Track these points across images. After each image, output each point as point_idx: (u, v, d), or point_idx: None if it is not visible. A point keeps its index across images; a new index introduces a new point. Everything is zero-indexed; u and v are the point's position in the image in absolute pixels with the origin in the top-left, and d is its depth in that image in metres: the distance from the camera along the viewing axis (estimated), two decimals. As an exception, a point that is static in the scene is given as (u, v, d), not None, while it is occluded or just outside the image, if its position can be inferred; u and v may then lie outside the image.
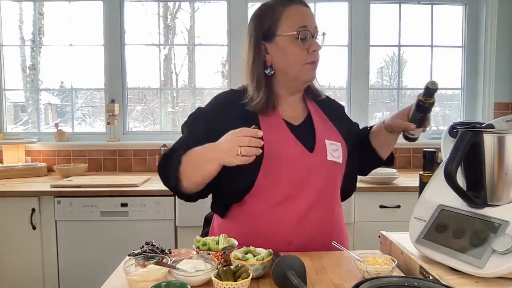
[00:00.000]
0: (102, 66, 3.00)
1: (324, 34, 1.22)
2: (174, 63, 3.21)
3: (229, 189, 1.21)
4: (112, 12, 2.96)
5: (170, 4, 3.16)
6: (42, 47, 3.11)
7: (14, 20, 3.09)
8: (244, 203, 1.21)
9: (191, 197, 1.21)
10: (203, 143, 1.13)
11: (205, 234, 1.41)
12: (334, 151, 1.23)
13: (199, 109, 1.30)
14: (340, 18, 3.04)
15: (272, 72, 1.22)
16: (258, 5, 1.26)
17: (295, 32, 1.16)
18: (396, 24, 3.10)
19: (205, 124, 1.22)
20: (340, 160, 1.24)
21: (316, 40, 1.19)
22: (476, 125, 1.11)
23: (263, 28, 1.20)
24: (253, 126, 1.05)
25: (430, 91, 1.15)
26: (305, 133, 1.22)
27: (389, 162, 1.47)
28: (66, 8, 3.04)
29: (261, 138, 1.03)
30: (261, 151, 1.04)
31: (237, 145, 1.02)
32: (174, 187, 1.17)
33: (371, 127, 1.45)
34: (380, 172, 2.55)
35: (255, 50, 1.21)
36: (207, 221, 1.44)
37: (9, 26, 3.05)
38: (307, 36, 1.16)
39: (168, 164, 1.17)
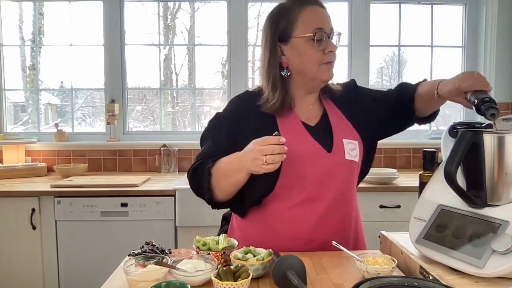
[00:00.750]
0: (102, 66, 3.00)
1: (339, 34, 1.22)
2: (174, 63, 3.21)
3: (249, 193, 1.21)
4: (112, 12, 2.96)
5: (170, 4, 3.16)
6: (42, 47, 3.11)
7: (14, 20, 3.09)
8: (265, 205, 1.22)
9: (226, 204, 1.24)
10: (227, 151, 1.16)
11: (223, 232, 1.41)
12: (352, 150, 1.23)
13: (217, 116, 1.30)
14: (340, 18, 3.04)
15: (288, 74, 1.22)
16: (258, 5, 1.27)
17: (311, 34, 1.16)
18: (396, 24, 3.10)
19: (226, 132, 1.23)
20: (357, 159, 1.24)
21: (332, 40, 1.19)
22: (476, 125, 1.11)
23: (279, 30, 1.20)
24: (275, 133, 1.07)
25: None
26: (322, 133, 1.23)
27: (433, 117, 1.35)
28: (66, 8, 3.04)
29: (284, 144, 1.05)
30: (285, 156, 1.06)
31: (261, 154, 1.04)
32: (209, 199, 1.20)
33: (414, 85, 1.37)
34: (380, 172, 2.55)
35: (270, 52, 1.21)
36: (225, 219, 1.45)
37: (9, 26, 3.05)
38: (323, 37, 1.16)
39: (198, 177, 1.20)
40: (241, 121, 1.22)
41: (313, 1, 1.20)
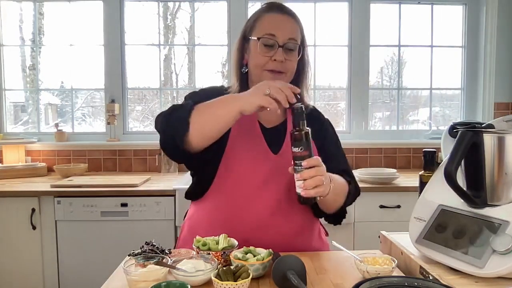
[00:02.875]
0: (102, 66, 3.00)
1: (299, 46, 1.20)
2: (174, 63, 3.21)
3: (196, 179, 1.27)
4: (112, 12, 2.96)
5: (170, 4, 3.16)
6: (42, 47, 3.11)
7: (14, 20, 3.09)
8: (208, 196, 1.23)
9: (188, 157, 1.15)
10: None
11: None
12: None
13: (192, 92, 1.36)
14: (340, 18, 3.04)
15: (246, 70, 1.28)
16: (258, 5, 1.29)
17: (256, 38, 1.19)
18: (396, 24, 3.10)
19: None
20: None
21: (282, 51, 1.17)
22: (476, 125, 1.11)
23: (245, 28, 1.27)
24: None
25: (295, 112, 1.02)
26: (274, 137, 1.24)
27: (333, 219, 1.28)
28: (66, 8, 3.04)
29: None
30: (295, 100, 1.01)
31: (267, 85, 1.02)
32: (181, 135, 1.09)
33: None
34: (380, 172, 2.55)
35: (237, 47, 1.29)
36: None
37: (9, 26, 3.05)
38: (272, 44, 1.17)
39: (176, 113, 1.12)
40: None
41: (279, 9, 1.22)
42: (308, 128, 1.02)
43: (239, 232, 1.14)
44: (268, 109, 1.02)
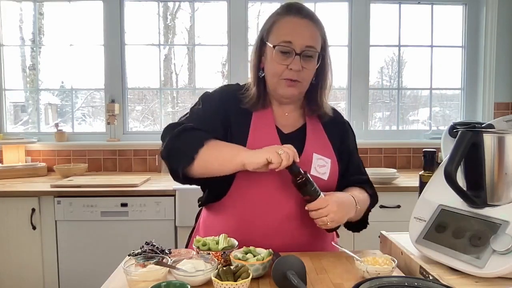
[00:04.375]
0: (102, 66, 3.00)
1: (318, 54, 1.16)
2: (174, 63, 3.21)
3: (212, 185, 1.22)
4: (112, 12, 2.96)
5: (170, 4, 3.16)
6: (42, 47, 3.11)
7: (14, 20, 3.08)
8: (225, 202, 1.21)
9: (189, 180, 1.17)
10: (214, 123, 1.16)
11: (193, 230, 1.41)
12: (321, 166, 1.19)
13: (206, 94, 1.27)
14: (340, 18, 3.04)
15: (262, 75, 1.22)
16: (258, 5, 1.27)
17: (272, 46, 1.14)
18: (396, 24, 3.10)
19: (213, 113, 1.21)
20: (325, 177, 1.19)
21: (299, 58, 1.13)
22: (476, 125, 1.11)
23: (262, 31, 1.21)
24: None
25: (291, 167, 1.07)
26: (293, 143, 1.15)
27: (354, 228, 1.32)
28: (66, 8, 3.04)
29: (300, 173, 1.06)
30: (298, 160, 1.06)
31: (274, 149, 1.04)
32: (183, 167, 1.11)
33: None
34: (380, 172, 2.55)
35: (254, 48, 1.23)
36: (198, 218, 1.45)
37: (9, 26, 3.05)
38: (289, 51, 1.13)
39: (185, 140, 1.12)
40: (221, 110, 1.21)
41: (297, 12, 1.16)
42: (307, 174, 1.09)
43: (257, 236, 1.15)
44: (269, 169, 1.05)
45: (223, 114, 1.20)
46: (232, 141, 1.16)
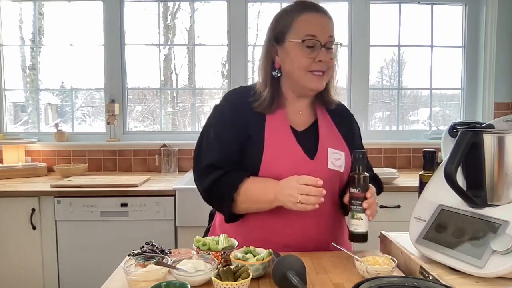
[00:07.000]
0: (102, 66, 3.00)
1: (338, 44, 1.22)
2: (174, 63, 3.21)
3: None
4: (112, 12, 2.96)
5: (170, 4, 3.16)
6: (42, 47, 3.11)
7: (14, 20, 3.08)
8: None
9: (239, 216, 1.23)
10: (235, 151, 1.19)
11: (208, 230, 1.41)
12: (336, 160, 1.23)
13: (218, 112, 1.27)
14: (340, 18, 3.04)
15: (279, 75, 1.24)
16: (258, 5, 1.28)
17: (301, 40, 1.17)
18: (396, 24, 3.10)
19: (230, 131, 1.22)
20: (341, 170, 1.23)
21: (326, 50, 1.18)
22: (476, 125, 1.11)
23: (276, 31, 1.22)
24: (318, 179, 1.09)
25: (355, 156, 1.13)
26: (308, 140, 1.23)
27: None
28: (66, 8, 3.04)
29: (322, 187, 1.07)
30: (322, 200, 1.07)
31: (297, 192, 1.06)
32: (228, 210, 1.19)
33: None
34: (380, 172, 2.54)
35: (266, 51, 1.24)
36: (211, 216, 1.45)
37: (9, 26, 3.05)
38: (314, 45, 1.17)
39: (220, 192, 1.18)
40: (238, 123, 1.22)
41: (313, 8, 1.20)
42: (366, 173, 1.13)
43: (284, 238, 1.18)
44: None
45: (239, 126, 1.21)
46: (251, 146, 1.19)
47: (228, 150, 1.20)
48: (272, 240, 1.18)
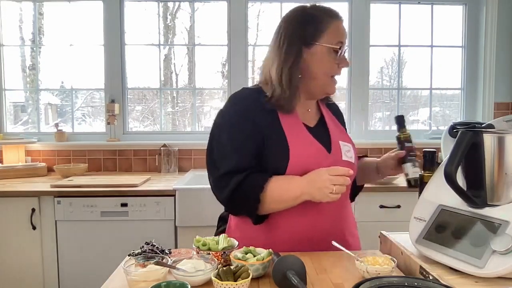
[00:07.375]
0: (102, 66, 3.00)
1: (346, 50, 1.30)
2: (174, 63, 3.21)
3: None
4: (112, 12, 2.96)
5: (170, 4, 3.16)
6: (42, 47, 3.11)
7: (14, 20, 3.08)
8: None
9: (264, 217, 1.23)
10: (254, 155, 1.19)
11: (220, 232, 1.40)
12: (347, 151, 1.29)
13: (224, 118, 1.26)
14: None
15: (299, 76, 1.24)
16: (258, 5, 1.27)
17: (335, 45, 1.22)
18: (396, 24, 3.10)
19: (248, 135, 1.21)
20: (353, 160, 1.30)
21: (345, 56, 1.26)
22: (476, 125, 1.11)
23: (305, 34, 1.22)
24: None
25: (398, 120, 1.32)
26: (320, 135, 1.27)
27: (354, 195, 1.49)
28: (66, 8, 3.04)
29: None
30: (345, 189, 1.11)
31: (331, 183, 1.08)
32: (254, 213, 1.19)
33: (361, 156, 1.51)
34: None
35: (292, 51, 1.22)
36: (222, 219, 1.44)
37: (9, 26, 3.05)
38: (342, 51, 1.23)
39: (245, 191, 1.16)
40: (249, 120, 1.21)
41: (337, 15, 1.26)
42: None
43: (298, 230, 1.20)
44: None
45: (252, 127, 1.20)
46: (274, 146, 1.19)
47: (246, 153, 1.19)
48: (296, 237, 1.20)
